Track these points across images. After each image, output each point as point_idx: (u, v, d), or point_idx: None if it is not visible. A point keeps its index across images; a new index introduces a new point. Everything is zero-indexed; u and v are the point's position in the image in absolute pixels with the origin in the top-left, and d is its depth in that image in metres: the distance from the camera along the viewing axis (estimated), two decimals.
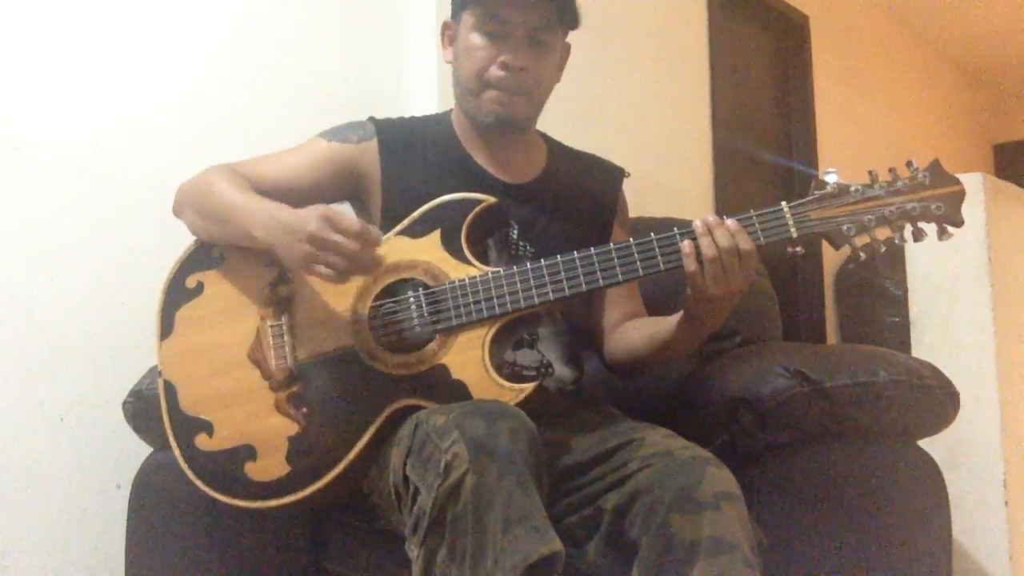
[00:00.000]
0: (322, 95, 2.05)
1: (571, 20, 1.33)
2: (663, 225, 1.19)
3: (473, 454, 0.98)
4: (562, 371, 1.34)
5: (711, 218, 1.16)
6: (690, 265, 1.15)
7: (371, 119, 1.40)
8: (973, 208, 2.12)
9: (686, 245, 1.15)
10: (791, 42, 3.75)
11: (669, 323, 1.28)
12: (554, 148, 1.47)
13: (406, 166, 1.35)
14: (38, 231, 1.64)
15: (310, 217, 1.12)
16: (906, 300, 2.32)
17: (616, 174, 1.48)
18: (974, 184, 2.11)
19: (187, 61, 1.86)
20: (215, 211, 1.26)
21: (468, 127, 1.39)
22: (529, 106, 1.34)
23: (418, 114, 1.50)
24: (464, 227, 1.23)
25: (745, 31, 3.51)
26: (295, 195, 1.33)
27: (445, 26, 1.39)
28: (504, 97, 1.31)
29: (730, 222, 1.15)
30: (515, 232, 1.34)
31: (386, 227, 1.29)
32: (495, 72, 1.29)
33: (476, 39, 1.30)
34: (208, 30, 1.90)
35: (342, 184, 1.36)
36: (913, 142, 4.60)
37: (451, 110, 1.44)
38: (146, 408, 1.48)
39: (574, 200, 1.41)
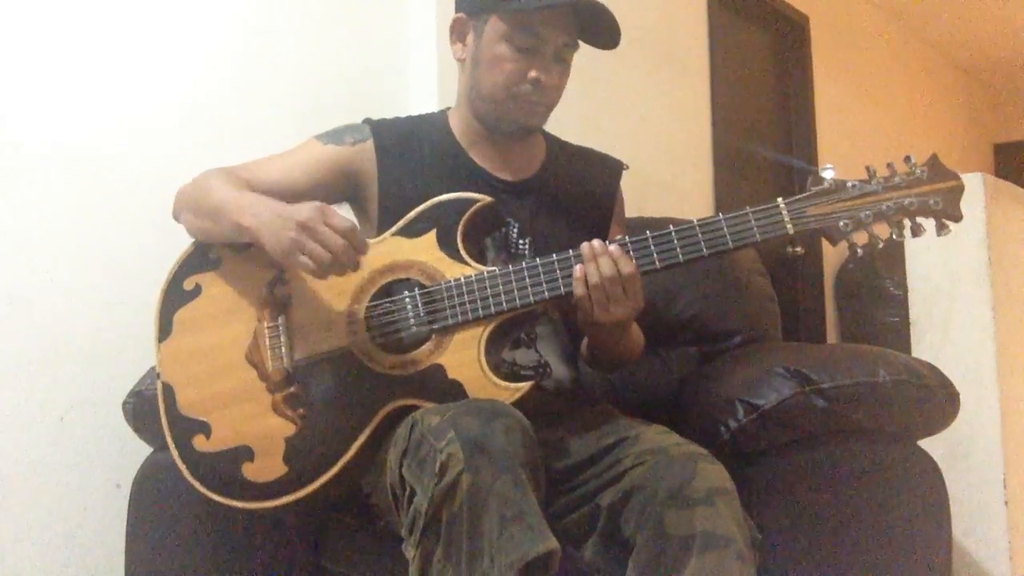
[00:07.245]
0: (322, 95, 2.05)
1: (602, 41, 1.32)
2: (662, 224, 1.19)
3: (468, 454, 0.98)
4: (560, 370, 1.35)
5: (596, 244, 1.17)
6: (578, 289, 1.16)
7: (366, 120, 1.40)
8: (973, 208, 2.11)
9: (577, 270, 1.16)
10: (791, 42, 3.75)
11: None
12: (552, 144, 1.47)
13: (403, 167, 1.35)
14: (38, 231, 1.64)
15: (303, 207, 1.14)
16: (906, 300, 2.32)
17: (615, 167, 1.48)
18: (974, 184, 2.10)
19: (187, 61, 1.86)
20: (209, 208, 1.26)
21: (469, 126, 1.38)
22: (547, 116, 1.36)
23: (417, 114, 1.50)
24: (460, 227, 1.24)
25: (745, 31, 3.51)
26: (293, 198, 1.33)
27: (457, 22, 1.35)
28: (530, 108, 1.32)
29: (613, 247, 1.16)
30: (515, 230, 1.34)
31: (383, 228, 1.29)
32: (525, 87, 1.29)
33: (506, 51, 1.29)
34: (208, 30, 1.90)
35: (339, 186, 1.36)
36: (913, 142, 4.59)
37: (447, 109, 1.44)
38: (146, 408, 1.48)
39: (573, 196, 1.41)
